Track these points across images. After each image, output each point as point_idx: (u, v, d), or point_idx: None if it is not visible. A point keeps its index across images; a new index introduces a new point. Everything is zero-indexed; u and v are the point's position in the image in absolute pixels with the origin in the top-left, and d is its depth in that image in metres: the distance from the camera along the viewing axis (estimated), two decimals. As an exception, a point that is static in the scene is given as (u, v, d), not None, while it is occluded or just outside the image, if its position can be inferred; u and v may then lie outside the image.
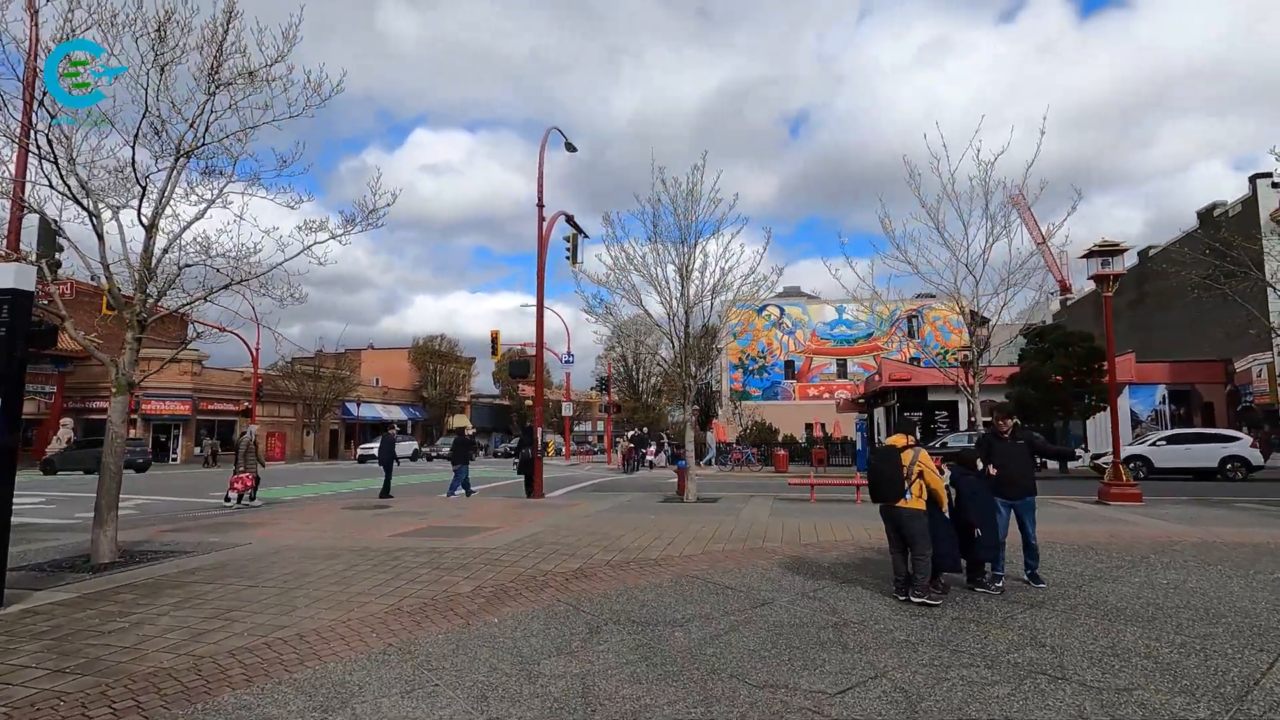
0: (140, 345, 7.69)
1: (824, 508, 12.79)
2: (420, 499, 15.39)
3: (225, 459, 39.19)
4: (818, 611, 5.62)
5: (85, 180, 7.56)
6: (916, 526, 5.77)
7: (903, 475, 5.78)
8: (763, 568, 7.24)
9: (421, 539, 9.05)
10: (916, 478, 5.75)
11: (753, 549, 8.30)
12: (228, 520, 11.41)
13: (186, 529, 10.33)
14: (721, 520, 10.82)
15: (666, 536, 9.18)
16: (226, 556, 7.86)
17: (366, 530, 9.93)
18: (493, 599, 5.99)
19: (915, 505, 5.77)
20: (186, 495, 17.66)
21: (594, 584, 6.54)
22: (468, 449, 16.93)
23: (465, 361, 65.76)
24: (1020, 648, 4.71)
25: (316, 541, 8.94)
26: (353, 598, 6.00)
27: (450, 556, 7.71)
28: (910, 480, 5.76)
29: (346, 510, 12.74)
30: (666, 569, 7.20)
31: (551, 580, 6.64)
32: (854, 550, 8.16)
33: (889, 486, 5.84)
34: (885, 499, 5.92)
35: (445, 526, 10.23)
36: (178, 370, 38.68)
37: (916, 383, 33.05)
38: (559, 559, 7.61)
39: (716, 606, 5.79)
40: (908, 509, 5.79)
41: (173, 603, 5.86)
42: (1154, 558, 7.62)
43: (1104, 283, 12.91)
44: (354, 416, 49.84)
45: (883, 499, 5.94)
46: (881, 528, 9.49)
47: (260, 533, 9.80)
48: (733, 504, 13.53)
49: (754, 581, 6.62)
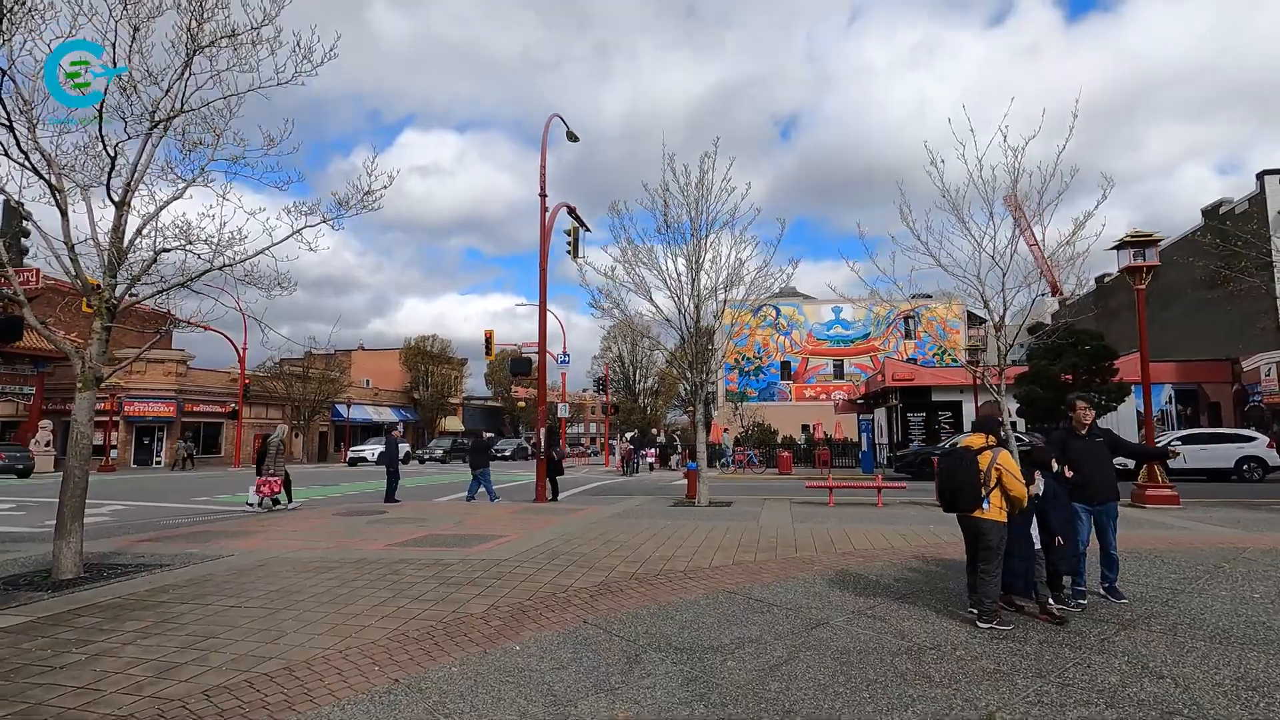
0: (110, 335, 6.90)
1: (845, 512, 12.12)
2: (417, 503, 14.60)
3: (202, 462, 38.22)
4: (883, 634, 4.92)
5: (50, 154, 6.79)
6: (994, 539, 5.08)
7: (980, 481, 5.10)
8: (804, 581, 6.54)
9: (423, 549, 8.29)
10: (996, 484, 5.06)
11: (786, 559, 7.60)
12: (210, 528, 10.59)
13: (166, 538, 9.51)
14: (743, 527, 10.12)
15: (689, 545, 8.47)
16: (207, 570, 7.07)
17: (362, 539, 9.16)
18: (510, 621, 5.25)
19: (994, 515, 5.08)
20: (170, 500, 16.76)
21: (621, 601, 5.82)
22: (488, 451, 16.05)
23: (457, 363, 64.76)
24: (1136, 679, 4.03)
25: (307, 552, 8.16)
26: (349, 620, 5.24)
27: (456, 569, 6.96)
28: (989, 487, 5.07)
29: (338, 517, 11.94)
30: (698, 583, 6.48)
31: (574, 597, 5.91)
32: (898, 561, 7.48)
33: (965, 495, 5.13)
34: (960, 509, 5.23)
35: (447, 535, 9.47)
36: (162, 371, 37.63)
37: (920, 383, 32.54)
38: (578, 572, 6.88)
39: (765, 628, 5.08)
40: (987, 520, 5.10)
41: (140, 628, 5.08)
42: (1228, 567, 6.98)
43: (1137, 275, 12.32)
44: (344, 418, 48.80)
45: (957, 509, 5.25)
46: (917, 534, 8.78)
47: (245, 542, 9.00)
48: (747, 508, 12.84)
49: (798, 597, 5.92)
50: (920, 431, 32.01)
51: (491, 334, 32.14)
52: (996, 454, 5.11)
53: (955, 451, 5.36)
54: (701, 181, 13.50)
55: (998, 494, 5.09)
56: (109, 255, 6.77)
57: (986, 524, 5.07)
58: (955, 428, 31.44)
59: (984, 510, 5.10)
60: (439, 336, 62.09)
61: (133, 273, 7.62)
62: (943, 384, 32.39)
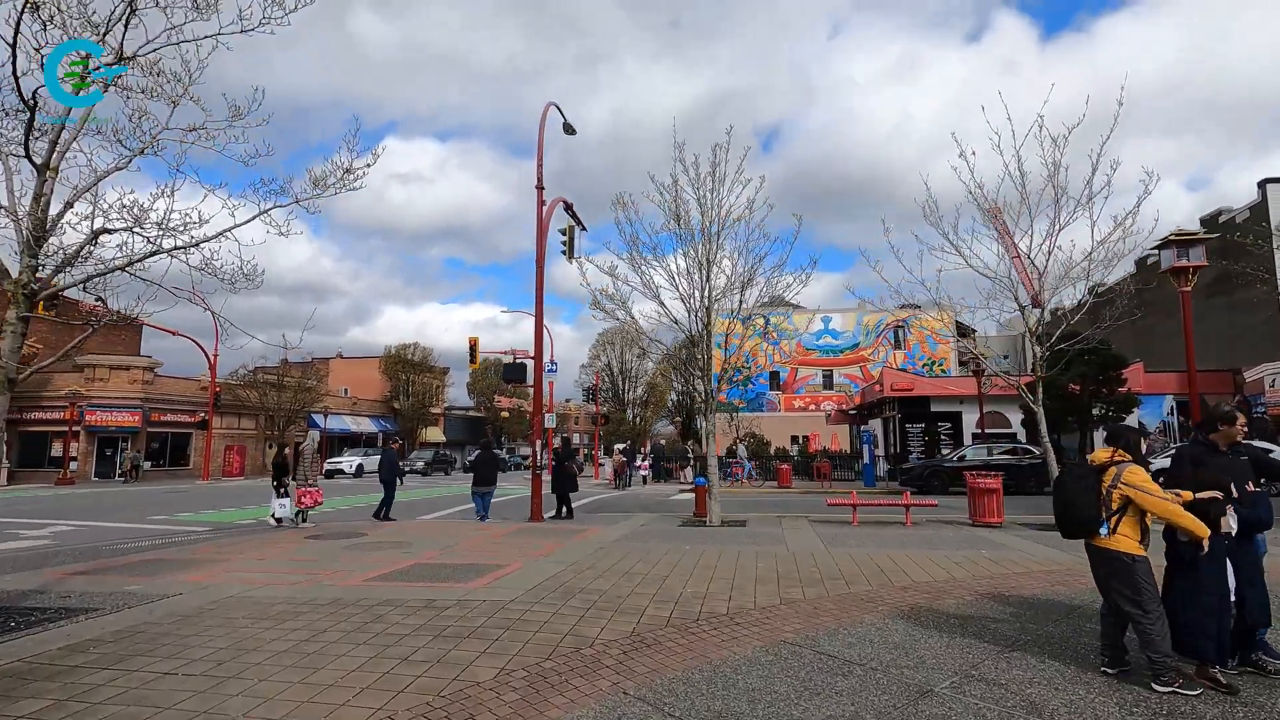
0: (26, 327, 5.62)
1: (874, 533, 11.05)
2: (400, 523, 13.28)
3: (168, 474, 36.27)
4: (1011, 706, 3.82)
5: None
6: (1118, 577, 4.04)
7: (1099, 501, 4.09)
8: (874, 626, 5.43)
9: (410, 584, 7.05)
10: (1122, 505, 4.03)
11: (841, 596, 6.49)
12: (162, 556, 9.22)
13: (106, 569, 8.15)
14: (773, 552, 8.99)
15: (720, 576, 7.33)
16: (144, 616, 5.77)
17: (337, 570, 7.88)
18: (529, 693, 4.07)
19: (1118, 545, 4.05)
20: (124, 518, 15.24)
21: (664, 660, 4.66)
22: (495, 466, 14.22)
23: (439, 372, 63.02)
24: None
25: (271, 588, 6.88)
26: (317, 696, 4.02)
27: (453, 614, 5.74)
28: (1111, 509, 4.05)
29: (313, 540, 10.62)
30: (749, 630, 5.34)
31: (604, 655, 4.73)
32: (969, 598, 6.40)
33: (1075, 514, 4.20)
34: (1074, 532, 4.27)
35: (438, 564, 8.22)
36: (127, 378, 35.71)
37: (919, 392, 31.77)
38: (601, 616, 5.70)
39: (857, 701, 3.96)
40: (1106, 550, 4.09)
41: (38, 710, 3.82)
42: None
43: (1182, 276, 11.46)
44: (321, 429, 46.94)
45: (1071, 532, 4.28)
46: (973, 561, 7.73)
47: (200, 574, 7.68)
48: (765, 528, 11.72)
49: (879, 651, 4.81)
50: (919, 443, 31.23)
51: (476, 341, 30.74)
52: (1121, 471, 4.07)
53: (1075, 468, 4.35)
54: (714, 173, 12.47)
55: (1131, 520, 4.06)
56: (26, 229, 5.51)
57: (1105, 555, 4.07)
58: (955, 439, 30.67)
59: (1105, 537, 4.09)
60: (420, 344, 60.39)
61: (66, 255, 6.39)
62: (942, 394, 31.65)
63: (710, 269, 12.60)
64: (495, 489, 14.17)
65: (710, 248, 12.56)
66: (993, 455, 22.66)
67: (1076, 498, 4.21)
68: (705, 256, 12.56)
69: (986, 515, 11.77)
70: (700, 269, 12.63)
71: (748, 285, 12.58)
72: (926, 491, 20.95)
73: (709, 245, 12.54)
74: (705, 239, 12.55)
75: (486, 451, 14.47)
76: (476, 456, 14.71)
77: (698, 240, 12.60)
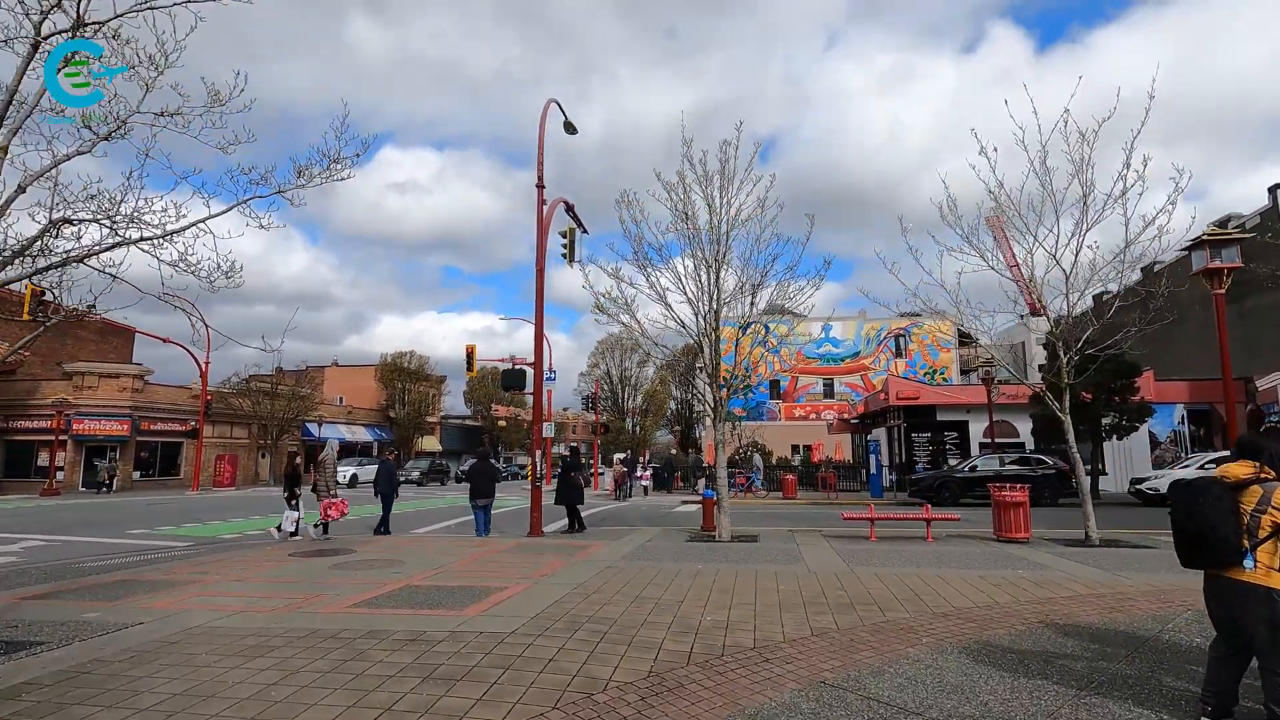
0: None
1: (896, 550, 10.39)
2: (393, 538, 12.59)
3: (158, 485, 35.45)
4: (1113, 776, 3.18)
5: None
6: (1261, 618, 3.38)
7: (1242, 527, 3.42)
8: (923, 663, 4.78)
9: (398, 611, 6.39)
10: (1272, 534, 3.37)
11: (877, 625, 5.84)
12: (132, 576, 8.53)
13: (67, 591, 7.47)
14: (792, 572, 8.33)
15: (741, 601, 6.67)
16: (93, 652, 5.10)
17: (320, 594, 7.21)
18: (534, 756, 3.41)
19: (1268, 580, 3.39)
20: (101, 533, 14.50)
21: (688, 707, 4.00)
22: (493, 477, 13.41)
23: (435, 380, 62.24)
24: None
25: (243, 617, 6.20)
26: (282, 758, 3.36)
27: (445, 649, 5.07)
28: (1257, 537, 3.39)
29: (295, 559, 9.93)
30: (782, 669, 4.69)
31: (619, 702, 4.08)
32: (1021, 628, 5.75)
33: (1213, 544, 3.45)
34: (1205, 564, 3.56)
35: (430, 586, 7.54)
36: (116, 386, 34.95)
37: (925, 401, 31.19)
38: (614, 651, 5.04)
39: (926, 764, 3.31)
40: (1247, 584, 3.42)
41: (-63, 782, 3.16)
42: None
43: (1216, 278, 10.89)
44: (315, 438, 46.14)
45: (1200, 563, 3.58)
46: (1012, 583, 7.05)
47: (168, 599, 7.00)
48: (778, 544, 11.05)
49: (936, 696, 4.16)
50: (925, 453, 30.62)
51: (474, 349, 30.07)
52: (1272, 492, 3.42)
53: (1199, 484, 3.63)
54: (723, 171, 11.91)
55: (1270, 549, 3.40)
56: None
57: (1251, 591, 3.39)
58: (961, 449, 30.05)
59: (1248, 571, 3.41)
60: (416, 353, 59.67)
61: (18, 244, 5.78)
62: (948, 403, 31.07)
63: (720, 269, 12.03)
64: (494, 501, 13.48)
65: (720, 248, 11.99)
66: (1005, 466, 22.01)
67: (1218, 522, 3.45)
68: (715, 256, 11.99)
69: (1013, 530, 11.12)
70: (709, 270, 12.05)
71: (759, 287, 12.00)
72: (937, 503, 20.31)
73: (718, 245, 11.97)
74: (714, 239, 11.99)
75: (483, 461, 13.73)
76: (472, 467, 13.95)
77: (705, 241, 12.05)
